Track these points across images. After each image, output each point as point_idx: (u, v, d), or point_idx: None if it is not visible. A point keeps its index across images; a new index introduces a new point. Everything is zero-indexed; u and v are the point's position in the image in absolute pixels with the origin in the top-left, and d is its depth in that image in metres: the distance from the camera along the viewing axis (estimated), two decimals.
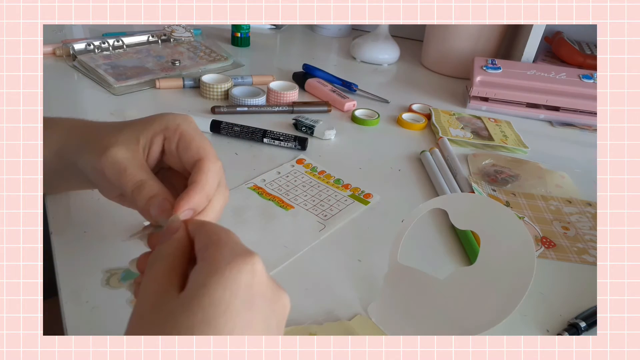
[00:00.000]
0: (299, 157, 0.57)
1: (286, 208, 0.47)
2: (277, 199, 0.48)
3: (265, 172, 0.53)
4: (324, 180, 0.52)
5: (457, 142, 0.65)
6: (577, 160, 0.65)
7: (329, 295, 0.38)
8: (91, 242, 0.40)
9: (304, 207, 0.48)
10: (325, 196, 0.50)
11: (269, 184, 0.51)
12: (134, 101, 0.66)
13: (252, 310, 0.25)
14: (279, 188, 0.50)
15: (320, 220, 0.46)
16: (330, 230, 0.45)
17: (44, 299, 0.30)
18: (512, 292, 0.30)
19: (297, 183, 0.51)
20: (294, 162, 0.56)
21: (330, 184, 0.52)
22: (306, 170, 0.54)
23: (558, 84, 0.75)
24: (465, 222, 0.33)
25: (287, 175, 0.53)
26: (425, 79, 0.91)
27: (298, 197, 0.49)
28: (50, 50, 0.77)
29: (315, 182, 0.52)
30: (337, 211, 0.48)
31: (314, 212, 0.47)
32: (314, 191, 0.50)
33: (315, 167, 0.55)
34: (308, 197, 0.49)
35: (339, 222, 0.46)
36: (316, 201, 0.49)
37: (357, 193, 0.51)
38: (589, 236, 0.49)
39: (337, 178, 0.53)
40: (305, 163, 0.55)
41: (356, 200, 0.50)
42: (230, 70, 0.81)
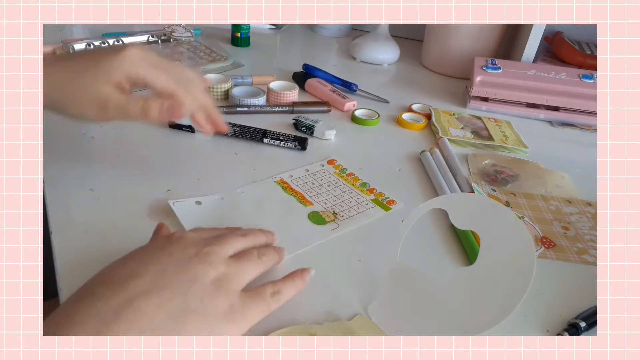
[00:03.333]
0: (331, 157, 0.58)
1: (305, 204, 0.48)
2: (299, 195, 0.50)
3: (294, 168, 0.54)
4: (350, 182, 0.53)
5: (457, 142, 0.65)
6: (577, 160, 0.65)
7: (329, 295, 0.38)
8: (91, 242, 0.40)
9: (323, 205, 0.49)
10: (347, 197, 0.50)
11: (295, 180, 0.52)
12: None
13: None
14: (304, 185, 0.51)
15: (336, 220, 0.47)
16: (342, 230, 0.45)
17: (44, 300, 0.30)
18: (512, 292, 0.30)
19: (323, 182, 0.52)
20: (325, 162, 0.57)
21: (355, 187, 0.52)
22: (335, 171, 0.55)
23: (558, 84, 0.75)
24: (465, 222, 0.33)
25: (314, 173, 0.54)
26: (425, 79, 0.91)
27: (320, 195, 0.50)
28: (50, 50, 0.77)
29: (341, 183, 0.53)
30: (355, 213, 0.48)
31: (332, 212, 0.48)
32: (337, 191, 0.51)
33: (345, 169, 0.55)
34: (330, 196, 0.50)
35: (354, 225, 0.46)
36: (337, 201, 0.49)
37: (381, 199, 0.51)
38: (589, 236, 0.49)
39: (363, 182, 0.54)
40: (335, 164, 0.56)
41: (378, 205, 0.50)
42: (230, 70, 0.81)
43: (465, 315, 0.32)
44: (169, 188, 0.48)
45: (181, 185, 0.48)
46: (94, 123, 0.56)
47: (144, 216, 0.44)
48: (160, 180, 0.49)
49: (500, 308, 0.30)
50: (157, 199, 0.46)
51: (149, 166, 0.51)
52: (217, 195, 0.47)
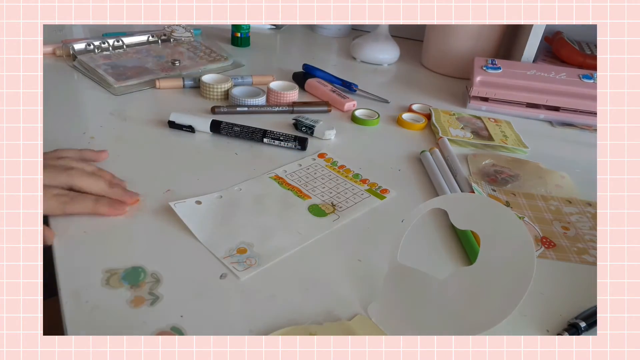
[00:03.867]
0: (321, 151, 0.58)
1: (304, 198, 0.49)
2: (296, 189, 0.50)
3: (287, 163, 0.55)
4: (342, 174, 0.54)
5: (457, 142, 0.65)
6: (577, 160, 0.65)
7: (329, 295, 0.38)
8: (91, 242, 0.40)
9: (321, 197, 0.49)
10: (343, 189, 0.51)
11: (289, 174, 0.53)
12: (133, 101, 0.66)
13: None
14: (299, 179, 0.52)
15: (335, 211, 0.48)
16: (343, 221, 0.46)
17: (44, 299, 0.30)
18: (512, 292, 0.30)
19: (317, 175, 0.53)
20: (316, 155, 0.57)
21: (349, 178, 0.54)
22: (327, 164, 0.56)
23: (558, 84, 0.75)
24: (465, 222, 0.33)
25: (307, 167, 0.55)
26: (425, 79, 0.91)
27: (316, 189, 0.51)
28: (50, 50, 0.77)
29: (335, 175, 0.54)
30: (353, 204, 0.49)
31: (330, 203, 0.49)
32: (332, 184, 0.52)
33: (336, 162, 0.57)
34: (326, 189, 0.51)
35: (353, 214, 0.47)
36: (333, 193, 0.50)
37: (375, 188, 0.52)
38: (589, 236, 0.49)
39: (355, 173, 0.55)
40: (326, 157, 0.57)
41: (372, 194, 0.51)
42: (230, 70, 0.81)
43: (465, 316, 0.32)
44: (169, 188, 0.48)
45: (181, 185, 0.48)
46: None
47: (144, 216, 0.44)
48: (160, 180, 0.49)
49: (500, 308, 0.30)
50: (157, 198, 0.46)
51: (149, 166, 0.51)
52: (215, 194, 0.47)
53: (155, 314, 0.34)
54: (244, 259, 0.40)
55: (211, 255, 0.40)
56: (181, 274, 0.38)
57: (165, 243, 0.41)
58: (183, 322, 0.34)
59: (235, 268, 0.39)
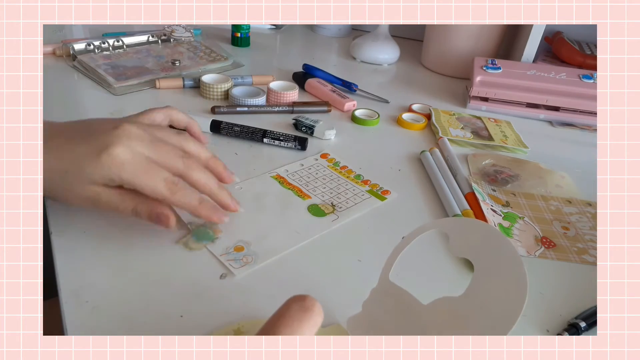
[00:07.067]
0: (324, 151, 0.58)
1: (303, 197, 0.49)
2: (297, 189, 0.50)
3: (288, 163, 0.55)
4: (344, 174, 0.54)
5: (457, 142, 0.65)
6: (577, 160, 0.65)
7: (328, 296, 0.38)
8: (91, 242, 0.40)
9: (321, 198, 0.49)
10: (344, 190, 0.51)
11: (291, 174, 0.53)
12: (134, 101, 0.66)
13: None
14: (300, 179, 0.52)
15: (335, 211, 0.48)
16: (342, 221, 0.46)
17: (44, 299, 0.30)
18: (495, 329, 0.29)
19: (318, 176, 0.53)
20: (318, 156, 0.57)
21: (350, 179, 0.54)
22: (329, 164, 0.56)
23: (558, 84, 0.75)
24: (463, 249, 0.31)
25: (309, 167, 0.55)
26: (425, 79, 0.91)
27: (317, 189, 0.51)
28: (50, 50, 0.77)
29: (336, 175, 0.54)
30: (353, 204, 0.49)
31: (329, 204, 0.49)
32: (333, 184, 0.52)
33: (338, 162, 0.57)
34: (326, 189, 0.51)
35: (353, 215, 0.47)
36: (334, 193, 0.50)
37: (376, 189, 0.52)
38: (589, 236, 0.49)
39: (357, 174, 0.55)
40: (329, 157, 0.57)
41: (373, 195, 0.51)
42: (230, 70, 0.81)
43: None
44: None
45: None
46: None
47: None
48: None
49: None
50: None
51: None
52: None
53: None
54: (241, 257, 0.40)
55: (211, 255, 0.40)
56: (181, 274, 0.38)
57: (165, 243, 0.41)
58: (183, 321, 0.34)
59: (231, 265, 0.39)
